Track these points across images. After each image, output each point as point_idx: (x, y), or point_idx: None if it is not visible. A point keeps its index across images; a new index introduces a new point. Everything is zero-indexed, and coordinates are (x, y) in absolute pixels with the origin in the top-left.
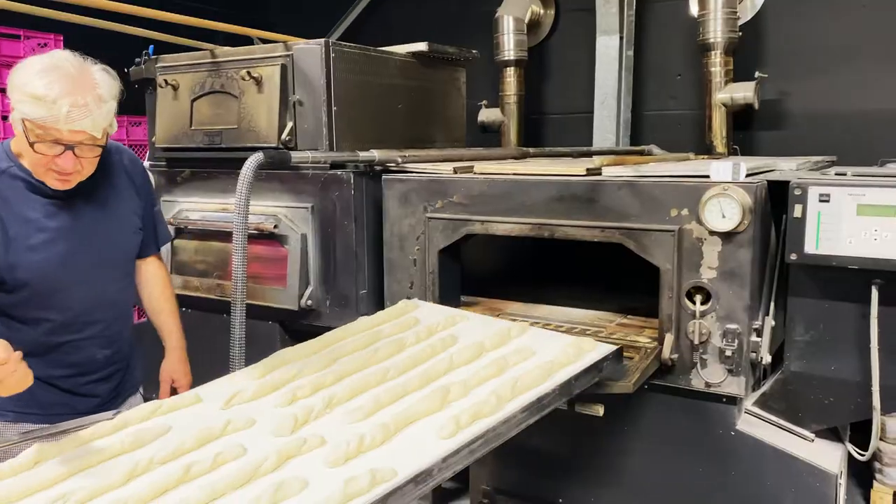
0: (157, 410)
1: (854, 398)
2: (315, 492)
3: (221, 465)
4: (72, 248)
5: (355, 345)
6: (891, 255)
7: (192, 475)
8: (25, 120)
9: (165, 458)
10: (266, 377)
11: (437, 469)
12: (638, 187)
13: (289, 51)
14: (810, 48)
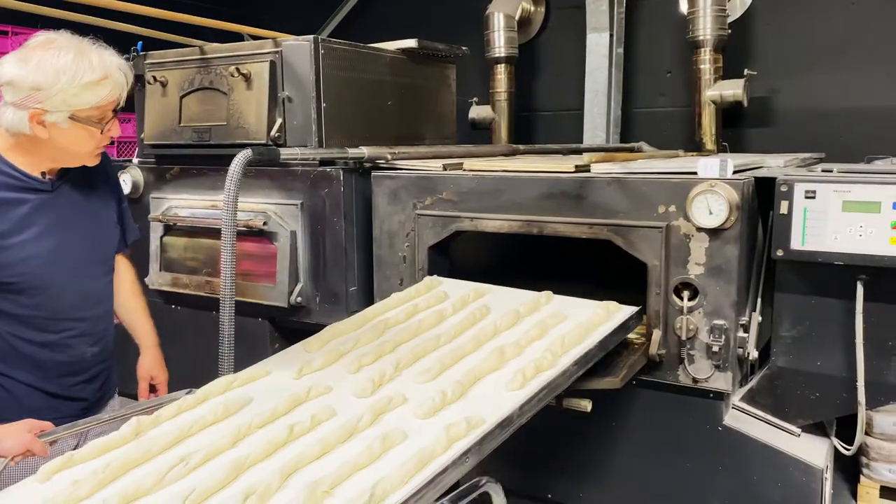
0: (234, 383)
1: (840, 393)
2: (419, 439)
3: (319, 424)
4: (61, 244)
5: (398, 318)
6: (875, 251)
7: (296, 434)
8: (83, 110)
9: (264, 422)
10: (325, 348)
11: (516, 416)
12: (626, 184)
13: (278, 47)
14: (799, 46)
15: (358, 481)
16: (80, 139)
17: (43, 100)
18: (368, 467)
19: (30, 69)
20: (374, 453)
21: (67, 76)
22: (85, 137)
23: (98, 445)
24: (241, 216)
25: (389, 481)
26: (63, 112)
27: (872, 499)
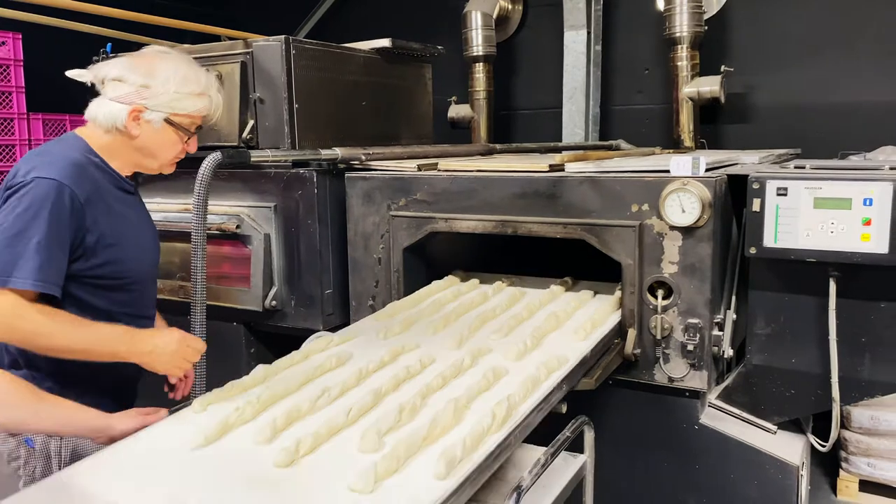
0: (331, 343)
1: (815, 390)
2: (521, 372)
3: (427, 367)
4: (147, 242)
5: (447, 297)
6: (847, 248)
7: (411, 374)
8: (179, 115)
9: (377, 367)
10: (395, 318)
11: (590, 357)
12: (599, 183)
13: (249, 48)
14: (775, 42)
15: (487, 398)
16: (167, 143)
17: (147, 97)
18: (490, 390)
19: (142, 70)
20: (490, 381)
21: (176, 82)
22: (171, 142)
23: (235, 385)
24: (213, 219)
25: (516, 395)
26: (161, 113)
27: (852, 492)
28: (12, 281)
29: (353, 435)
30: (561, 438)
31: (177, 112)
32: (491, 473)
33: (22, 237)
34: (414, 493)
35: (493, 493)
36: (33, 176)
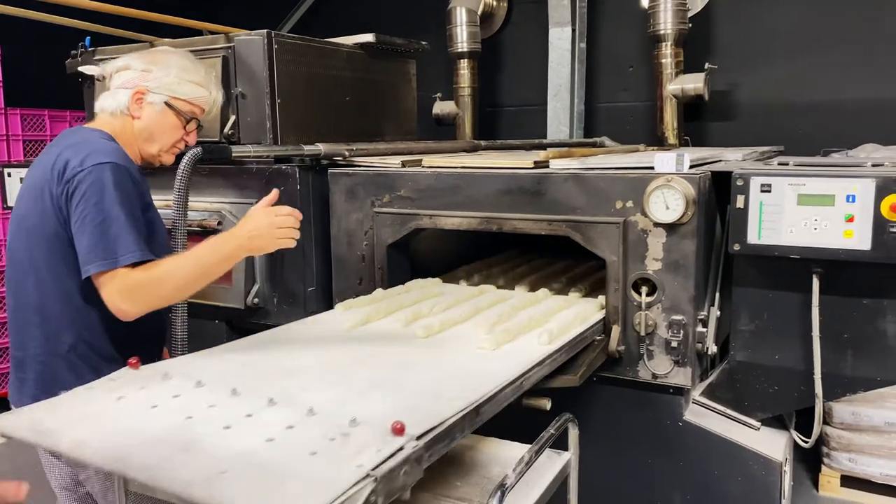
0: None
1: (798, 386)
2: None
3: (507, 299)
4: (163, 227)
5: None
6: (830, 244)
7: (496, 300)
8: (179, 99)
9: (468, 297)
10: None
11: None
12: (584, 180)
13: (230, 42)
14: (758, 40)
15: (554, 321)
16: (167, 127)
17: (150, 80)
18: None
19: (145, 58)
20: (552, 312)
21: (177, 69)
22: (171, 126)
23: (360, 300)
24: (194, 216)
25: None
26: (162, 95)
27: (833, 487)
28: (120, 260)
29: (469, 326)
30: (545, 436)
31: (177, 96)
32: (574, 353)
33: (109, 222)
34: (528, 352)
35: (477, 490)
36: (91, 163)
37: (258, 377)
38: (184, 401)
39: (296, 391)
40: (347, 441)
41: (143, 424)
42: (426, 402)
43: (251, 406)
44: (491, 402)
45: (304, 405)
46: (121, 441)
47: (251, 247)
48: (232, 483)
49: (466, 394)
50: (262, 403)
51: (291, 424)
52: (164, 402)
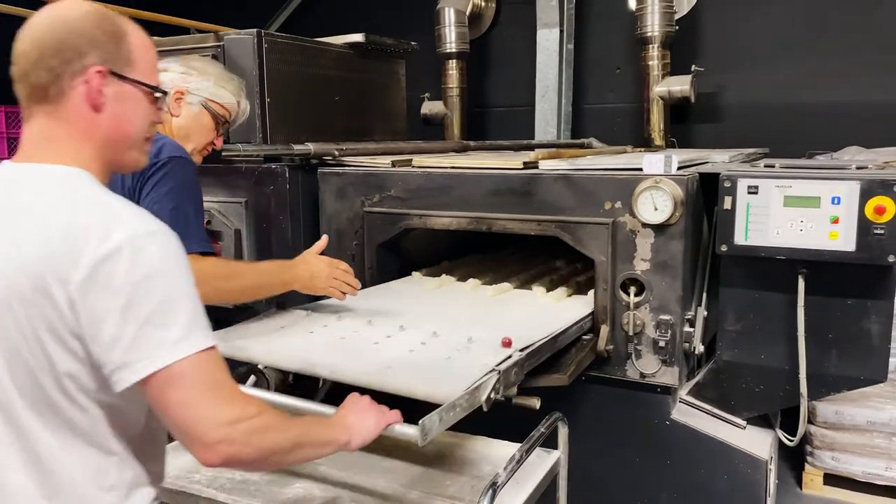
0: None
1: (783, 385)
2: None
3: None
4: None
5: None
6: (815, 245)
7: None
8: (215, 103)
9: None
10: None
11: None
12: (573, 180)
13: (220, 41)
14: (744, 42)
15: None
16: (202, 128)
17: (190, 82)
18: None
19: (183, 62)
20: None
21: (215, 76)
22: (206, 128)
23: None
24: None
25: None
26: (200, 97)
27: (817, 486)
28: (192, 246)
29: (524, 291)
30: (535, 434)
31: (214, 99)
32: None
33: (180, 210)
34: (579, 307)
35: (468, 488)
36: (167, 155)
37: (383, 314)
38: (333, 328)
39: (418, 322)
40: (470, 351)
41: (309, 341)
42: (518, 331)
43: (387, 331)
44: (564, 334)
45: (429, 330)
46: (298, 351)
47: (307, 285)
48: (398, 373)
49: (546, 328)
50: (395, 329)
51: (423, 342)
52: (318, 329)
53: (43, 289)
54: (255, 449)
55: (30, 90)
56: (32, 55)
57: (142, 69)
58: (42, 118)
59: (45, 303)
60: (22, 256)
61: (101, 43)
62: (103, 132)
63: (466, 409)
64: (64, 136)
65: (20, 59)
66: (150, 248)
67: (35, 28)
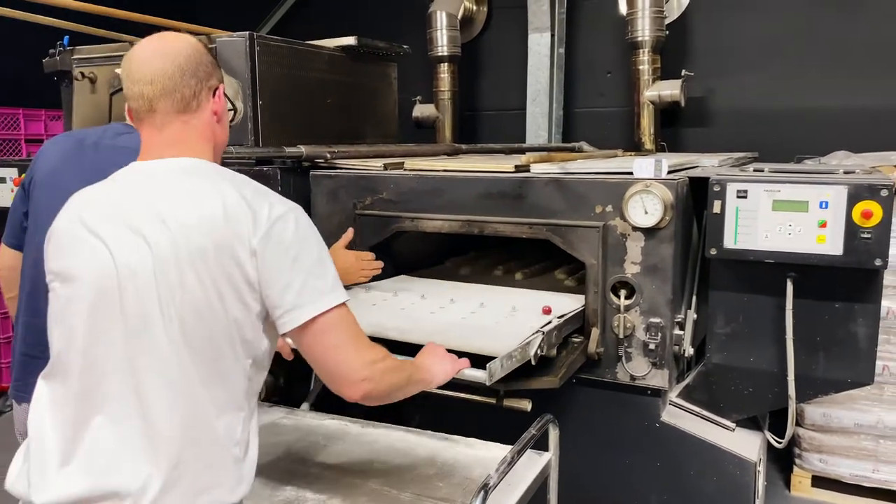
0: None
1: (771, 388)
2: None
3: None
4: None
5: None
6: (803, 250)
7: None
8: None
9: None
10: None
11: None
12: (564, 184)
13: (212, 44)
14: (734, 47)
15: None
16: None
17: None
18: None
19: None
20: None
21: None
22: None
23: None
24: None
25: None
26: None
27: (805, 487)
28: None
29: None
30: (526, 437)
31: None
32: None
33: None
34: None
35: (460, 490)
36: None
37: (432, 291)
38: (392, 301)
39: (464, 297)
40: (515, 317)
41: (375, 311)
42: (551, 302)
43: (439, 303)
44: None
45: (476, 302)
46: (368, 318)
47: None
48: (458, 333)
49: (575, 302)
50: (446, 302)
51: (473, 311)
52: (379, 302)
53: (227, 247)
54: (386, 385)
55: (174, 103)
56: (176, 75)
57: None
58: (178, 126)
59: (228, 259)
60: (205, 224)
61: (216, 67)
62: (218, 138)
63: (519, 361)
64: (194, 139)
65: (161, 79)
66: (303, 217)
67: (166, 54)
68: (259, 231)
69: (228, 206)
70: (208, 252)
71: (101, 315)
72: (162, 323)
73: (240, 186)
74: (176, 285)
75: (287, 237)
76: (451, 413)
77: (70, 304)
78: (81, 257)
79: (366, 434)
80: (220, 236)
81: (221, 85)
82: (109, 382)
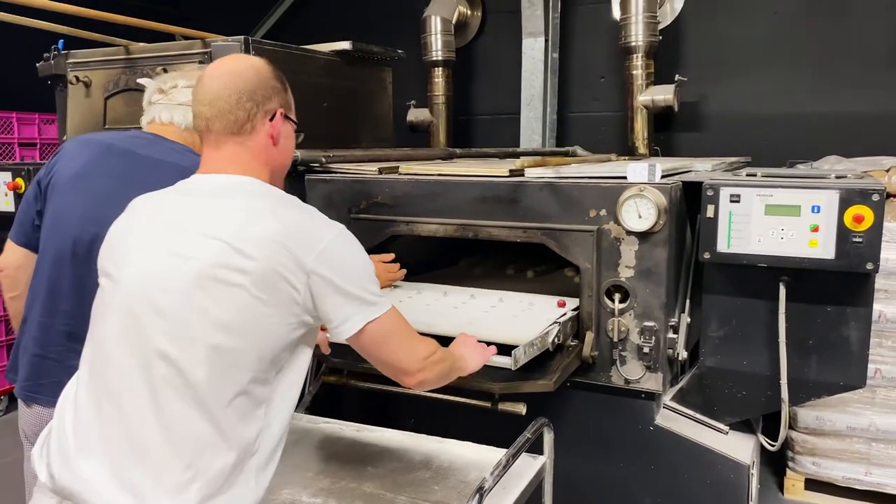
0: None
1: (765, 391)
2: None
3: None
4: None
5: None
6: (796, 253)
7: None
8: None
9: None
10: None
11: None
12: (558, 188)
13: (207, 48)
14: (727, 52)
15: None
16: None
17: None
18: None
19: None
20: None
21: None
22: None
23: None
24: None
25: None
26: None
27: (798, 491)
28: None
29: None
30: (521, 440)
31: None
32: None
33: None
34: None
35: (455, 493)
36: None
37: (452, 289)
38: (416, 299)
39: (483, 294)
40: (532, 311)
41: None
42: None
43: (461, 299)
44: None
45: (495, 298)
46: None
47: None
48: (483, 325)
49: None
50: (467, 298)
51: (493, 305)
52: (405, 299)
53: (277, 266)
54: (436, 374)
55: (227, 125)
56: (232, 98)
57: (293, 112)
58: (233, 146)
59: (276, 279)
60: (254, 243)
61: (279, 91)
62: (275, 161)
63: (540, 348)
64: (248, 160)
65: (217, 102)
66: (349, 235)
67: (227, 76)
68: (313, 252)
69: (281, 226)
70: (253, 271)
71: (131, 318)
72: (190, 333)
73: (291, 207)
74: (209, 301)
75: (339, 256)
76: (446, 416)
77: (110, 303)
78: (128, 259)
79: (361, 437)
80: (270, 255)
81: (281, 110)
82: (130, 380)
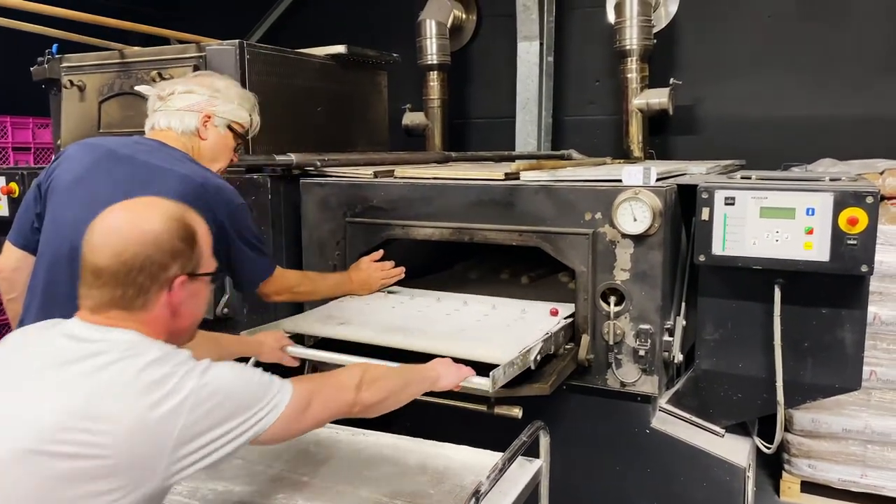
0: None
1: (760, 393)
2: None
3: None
4: None
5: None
6: (791, 256)
7: None
8: (238, 123)
9: None
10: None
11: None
12: (554, 191)
13: (202, 52)
14: (721, 56)
15: None
16: (226, 148)
17: (216, 104)
18: None
19: (206, 83)
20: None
21: (235, 93)
22: (229, 148)
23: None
24: None
25: None
26: (225, 119)
27: (794, 493)
28: (275, 265)
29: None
30: (518, 444)
31: (236, 120)
32: None
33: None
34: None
35: (451, 497)
36: (239, 202)
37: (446, 295)
38: (410, 305)
39: (476, 301)
40: (525, 319)
41: (394, 313)
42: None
43: (454, 306)
44: None
45: (488, 305)
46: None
47: (364, 288)
48: (474, 335)
49: None
50: (460, 304)
51: (486, 314)
52: (398, 305)
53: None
54: (377, 393)
55: (113, 299)
56: (121, 271)
57: (207, 259)
58: (121, 317)
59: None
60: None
61: (181, 252)
62: (175, 326)
63: (521, 367)
64: (137, 328)
65: (104, 273)
66: (209, 373)
67: (119, 241)
68: (181, 417)
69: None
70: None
71: None
72: None
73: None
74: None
75: (206, 406)
76: (442, 420)
77: None
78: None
79: (356, 441)
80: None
81: (182, 277)
82: None
